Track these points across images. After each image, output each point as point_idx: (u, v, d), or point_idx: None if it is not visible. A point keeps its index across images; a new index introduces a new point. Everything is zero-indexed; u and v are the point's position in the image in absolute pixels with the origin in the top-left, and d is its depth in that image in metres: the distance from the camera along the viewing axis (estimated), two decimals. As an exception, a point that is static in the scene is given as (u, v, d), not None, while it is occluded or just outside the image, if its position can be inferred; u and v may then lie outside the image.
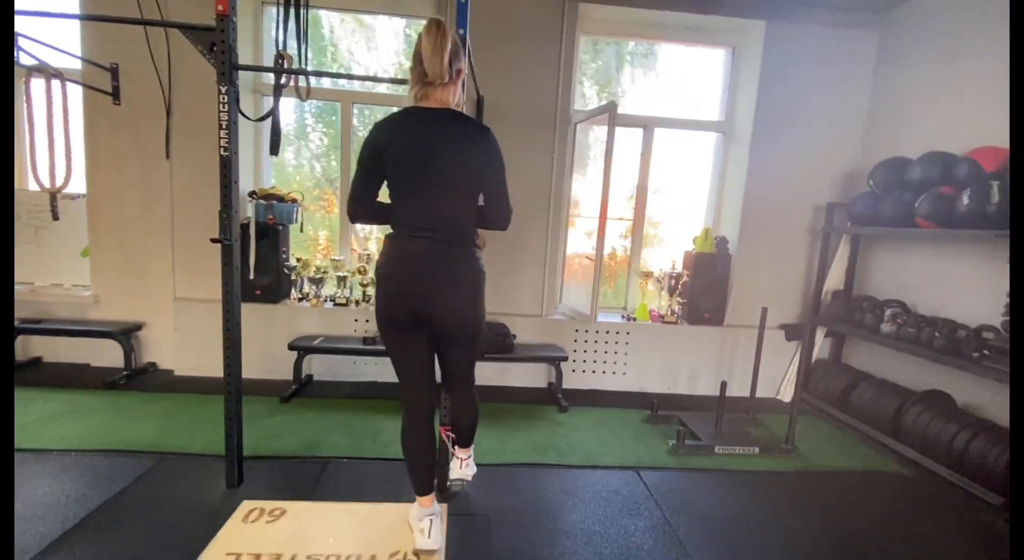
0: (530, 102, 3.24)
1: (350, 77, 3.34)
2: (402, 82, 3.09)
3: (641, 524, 1.94)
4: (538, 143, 3.28)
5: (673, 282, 3.51)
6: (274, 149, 2.25)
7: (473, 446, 1.96)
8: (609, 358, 3.43)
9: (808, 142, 3.39)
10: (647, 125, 3.53)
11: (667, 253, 3.81)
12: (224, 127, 1.77)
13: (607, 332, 3.42)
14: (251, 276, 3.16)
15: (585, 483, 2.23)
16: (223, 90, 1.76)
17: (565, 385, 3.28)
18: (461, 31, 1.80)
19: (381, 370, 3.32)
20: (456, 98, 1.53)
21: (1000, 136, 2.48)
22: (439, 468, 2.06)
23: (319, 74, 3.39)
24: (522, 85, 3.22)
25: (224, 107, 1.76)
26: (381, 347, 3.03)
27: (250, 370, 3.17)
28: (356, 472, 2.18)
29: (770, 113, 3.34)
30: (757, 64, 3.32)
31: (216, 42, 1.74)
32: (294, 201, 3.33)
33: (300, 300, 3.32)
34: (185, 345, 3.18)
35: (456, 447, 1.88)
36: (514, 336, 3.19)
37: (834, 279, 3.42)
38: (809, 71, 3.32)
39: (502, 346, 3.11)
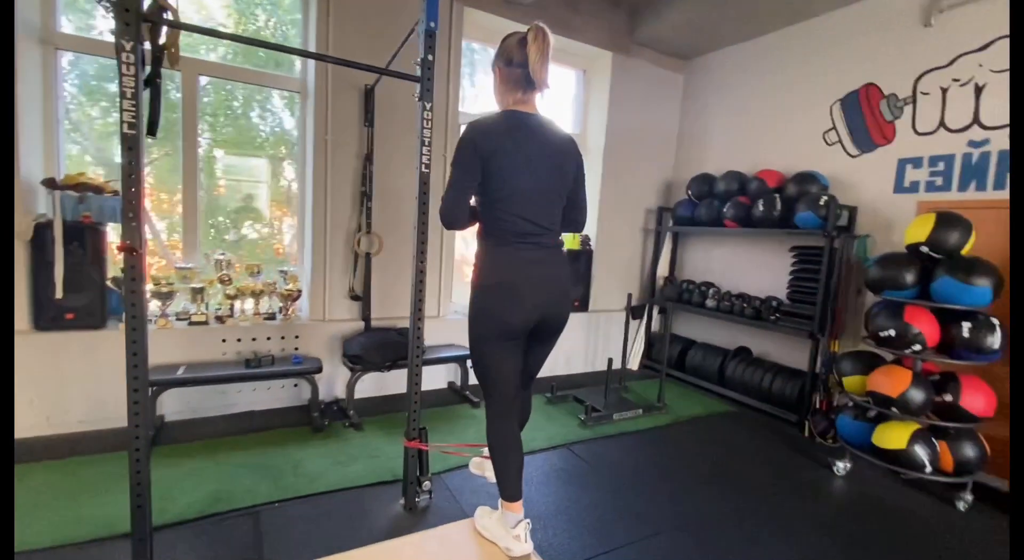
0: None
1: (278, 47, 2.71)
2: (307, 54, 2.67)
3: (598, 492, 2.19)
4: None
5: (549, 276, 3.88)
6: (152, 128, 1.72)
7: None
8: (502, 351, 3.60)
9: (643, 156, 4.16)
10: (519, 132, 3.80)
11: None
12: (129, 96, 1.32)
13: (498, 327, 3.58)
14: (58, 295, 2.32)
15: (535, 467, 2.37)
16: (127, 48, 1.31)
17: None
18: (432, 23, 1.73)
19: (258, 397, 2.82)
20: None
21: (773, 162, 3.52)
22: (408, 483, 1.95)
23: (260, 43, 2.66)
24: (410, 85, 3.11)
25: (129, 69, 1.32)
26: (269, 369, 2.61)
27: (68, 423, 2.36)
28: (299, 515, 1.87)
29: (616, 130, 3.97)
30: (606, 88, 3.90)
31: (115, -19, 1.28)
32: (116, 193, 2.55)
33: (135, 322, 2.56)
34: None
35: None
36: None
37: (663, 267, 4.28)
38: (642, 98, 4.06)
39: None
